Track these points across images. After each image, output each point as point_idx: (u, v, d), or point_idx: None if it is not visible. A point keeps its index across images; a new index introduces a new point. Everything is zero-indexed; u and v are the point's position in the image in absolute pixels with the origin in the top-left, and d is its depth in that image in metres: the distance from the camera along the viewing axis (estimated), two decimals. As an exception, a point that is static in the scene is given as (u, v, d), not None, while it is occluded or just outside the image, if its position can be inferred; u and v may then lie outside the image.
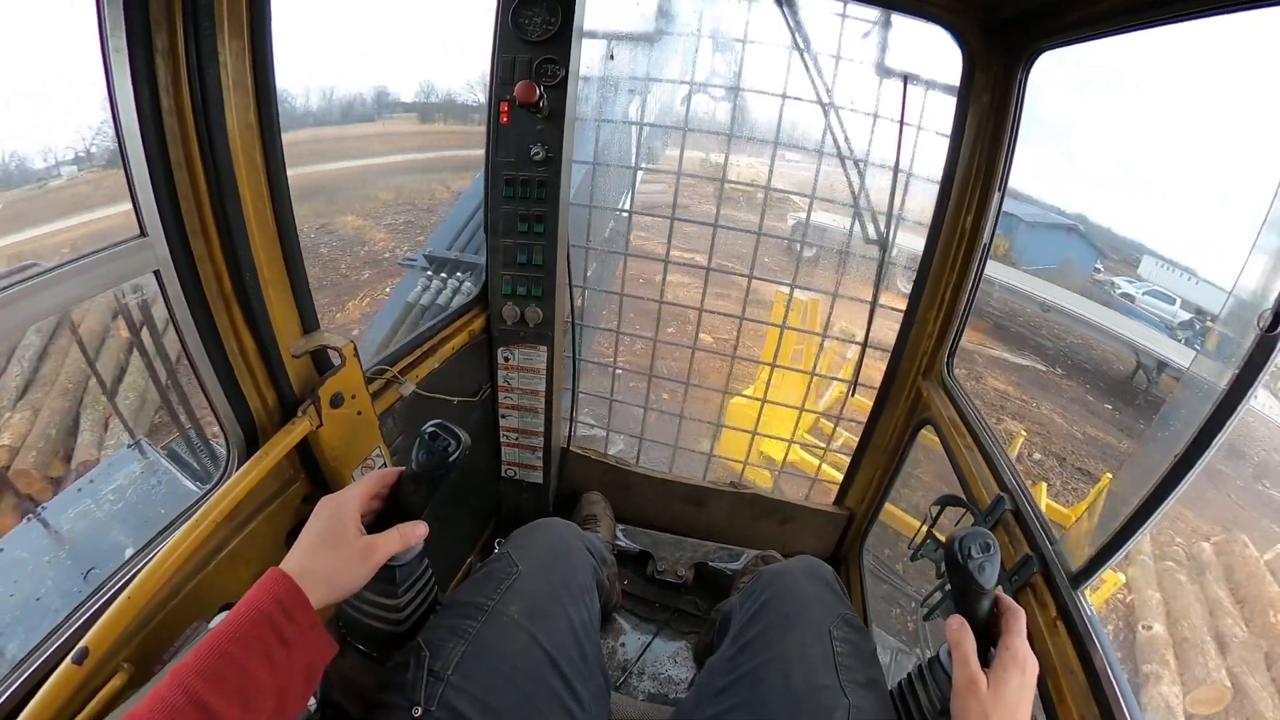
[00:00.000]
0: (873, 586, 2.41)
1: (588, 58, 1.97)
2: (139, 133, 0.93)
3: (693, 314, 2.32)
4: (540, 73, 1.65)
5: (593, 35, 2.03)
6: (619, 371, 2.42)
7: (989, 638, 0.93)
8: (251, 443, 1.20)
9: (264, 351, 1.17)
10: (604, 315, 2.65)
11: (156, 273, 1.01)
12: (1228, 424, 0.93)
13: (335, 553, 0.87)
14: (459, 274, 3.12)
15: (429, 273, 3.15)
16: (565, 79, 1.65)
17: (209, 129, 0.97)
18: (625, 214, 2.34)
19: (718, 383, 2.51)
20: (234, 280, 1.09)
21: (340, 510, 0.91)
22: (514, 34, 1.65)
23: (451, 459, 0.98)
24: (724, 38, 2.01)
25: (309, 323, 1.26)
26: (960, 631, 0.91)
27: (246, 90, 1.02)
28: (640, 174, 2.55)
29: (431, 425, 1.00)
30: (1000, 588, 0.96)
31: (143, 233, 0.98)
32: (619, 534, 2.36)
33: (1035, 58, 1.60)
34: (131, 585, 0.93)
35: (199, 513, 1.06)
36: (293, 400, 1.24)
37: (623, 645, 2.07)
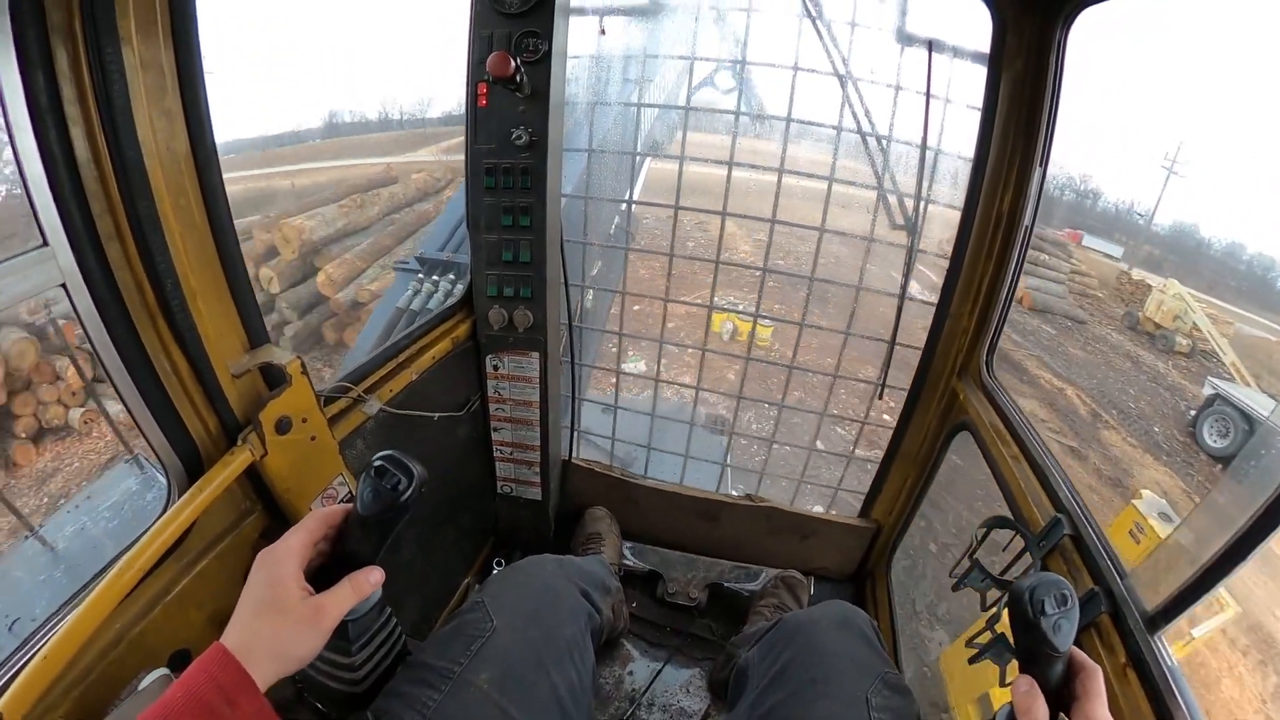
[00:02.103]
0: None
1: (578, 37, 1.81)
2: (30, 124, 0.79)
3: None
4: (521, 48, 1.48)
5: (581, 12, 1.88)
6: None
7: (1060, 701, 0.77)
8: (195, 473, 1.07)
9: (198, 371, 1.03)
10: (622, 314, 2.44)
11: (63, 286, 0.88)
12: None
13: (279, 620, 0.74)
14: (450, 275, 2.98)
15: (420, 275, 3.01)
16: (549, 54, 1.48)
17: (112, 116, 0.83)
18: (626, 206, 2.17)
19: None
20: (156, 291, 0.95)
21: (278, 568, 0.77)
22: (491, 7, 1.48)
23: (403, 498, 0.81)
24: (725, 6, 1.83)
25: (256, 336, 1.12)
26: (1030, 697, 0.75)
27: (161, 71, 0.88)
28: (648, 164, 2.39)
29: (379, 458, 0.83)
30: None
31: (44, 241, 0.85)
32: (626, 552, 2.19)
33: (1074, 16, 1.42)
34: (49, 643, 0.81)
35: (129, 555, 0.92)
36: (236, 425, 1.10)
37: (630, 674, 1.91)
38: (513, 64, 1.39)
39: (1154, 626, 0.97)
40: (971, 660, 1.29)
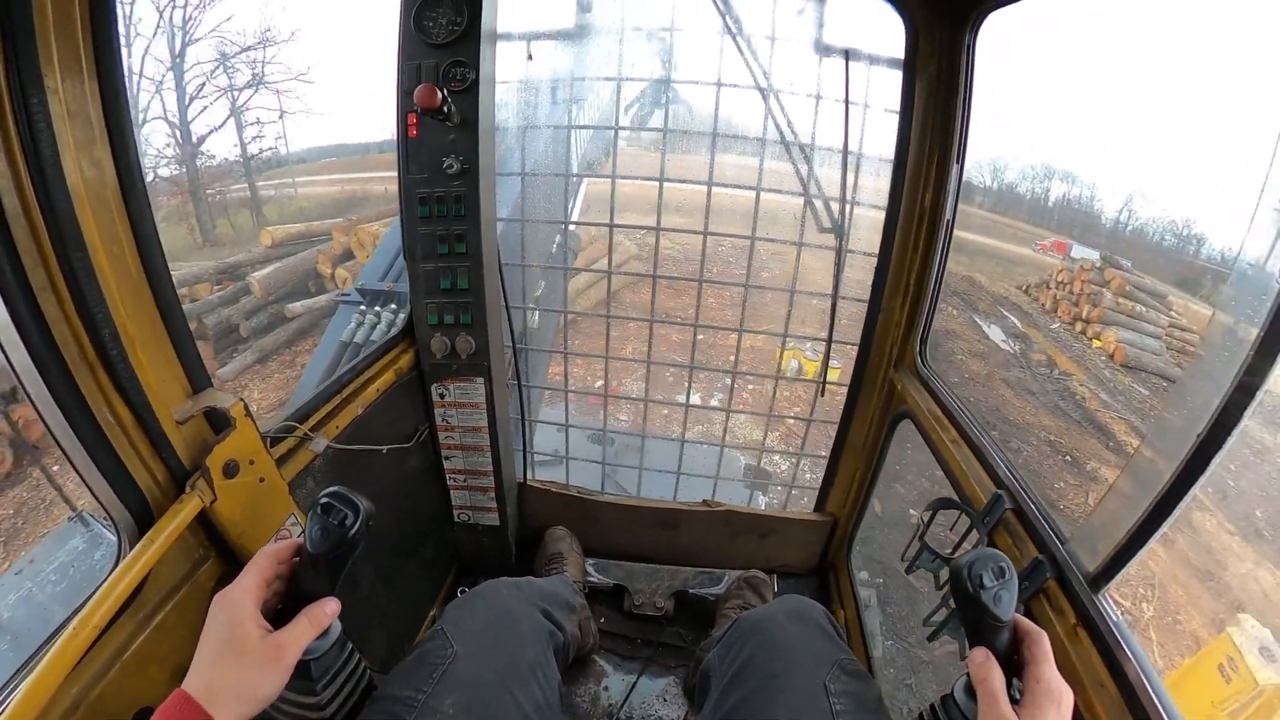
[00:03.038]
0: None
1: (507, 62, 1.83)
2: None
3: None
4: (448, 77, 1.49)
5: (508, 38, 1.89)
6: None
7: (1011, 667, 0.81)
8: (145, 524, 1.04)
9: (141, 420, 1.01)
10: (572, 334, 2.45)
11: (-4, 339, 0.86)
12: (1258, 392, 0.82)
13: (240, 661, 0.74)
14: (392, 306, 2.95)
15: (362, 307, 2.98)
16: (476, 82, 1.50)
17: (41, 167, 0.81)
18: (566, 226, 2.19)
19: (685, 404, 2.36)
20: (95, 342, 0.93)
21: (235, 609, 0.77)
22: (417, 38, 1.49)
23: (352, 534, 0.82)
24: (649, 27, 1.88)
25: (197, 381, 1.10)
26: (985, 667, 0.78)
27: (89, 121, 0.87)
28: (585, 183, 2.41)
29: (325, 495, 0.84)
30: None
31: (-27, 295, 0.83)
32: (590, 569, 2.19)
33: (981, 19, 1.51)
34: (4, 715, 0.79)
35: (82, 614, 0.90)
36: (184, 472, 1.08)
37: (606, 689, 1.91)
38: (439, 95, 1.40)
39: (1096, 586, 1.03)
40: (930, 638, 1.34)
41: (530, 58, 1.94)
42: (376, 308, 2.96)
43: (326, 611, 0.83)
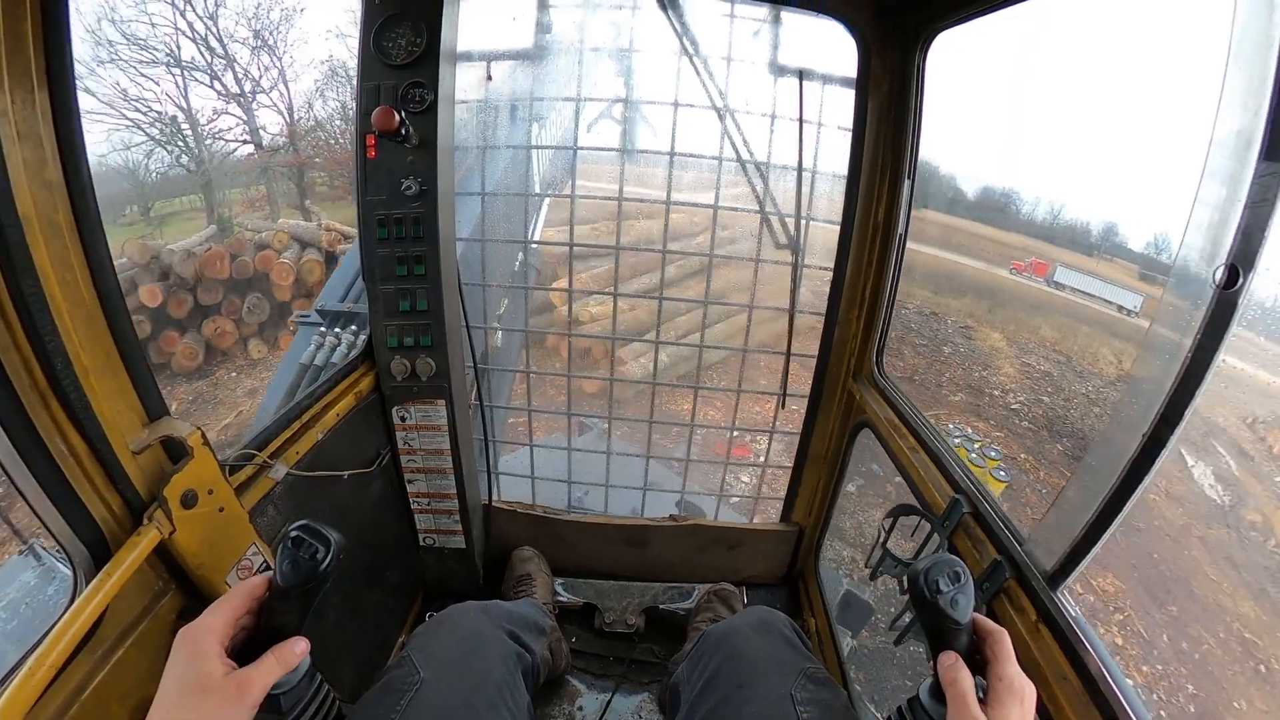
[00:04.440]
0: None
1: (466, 82, 1.84)
2: None
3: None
4: (407, 98, 1.49)
5: (468, 57, 1.90)
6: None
7: (974, 666, 0.82)
8: (102, 557, 1.01)
9: (96, 450, 0.98)
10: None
11: (-60, 370, 0.83)
12: (1197, 393, 0.86)
13: (202, 699, 0.72)
14: (353, 327, 2.90)
15: (322, 329, 2.92)
16: (435, 103, 1.50)
17: None
18: (530, 245, 2.19)
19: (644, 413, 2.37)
20: (46, 371, 0.90)
21: (198, 645, 0.75)
22: (377, 58, 1.50)
23: (323, 567, 0.81)
24: (608, 48, 1.90)
25: (153, 409, 1.07)
26: (954, 669, 0.79)
27: (40, 143, 0.85)
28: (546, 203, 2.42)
29: (295, 528, 0.83)
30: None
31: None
32: (559, 589, 2.18)
33: (931, 39, 1.57)
34: None
35: (38, 653, 0.86)
36: (141, 503, 1.05)
37: (580, 709, 1.89)
38: (397, 118, 1.40)
39: (1055, 584, 1.06)
40: (895, 642, 1.36)
41: (489, 78, 1.95)
42: (336, 329, 2.91)
43: (295, 651, 0.82)
